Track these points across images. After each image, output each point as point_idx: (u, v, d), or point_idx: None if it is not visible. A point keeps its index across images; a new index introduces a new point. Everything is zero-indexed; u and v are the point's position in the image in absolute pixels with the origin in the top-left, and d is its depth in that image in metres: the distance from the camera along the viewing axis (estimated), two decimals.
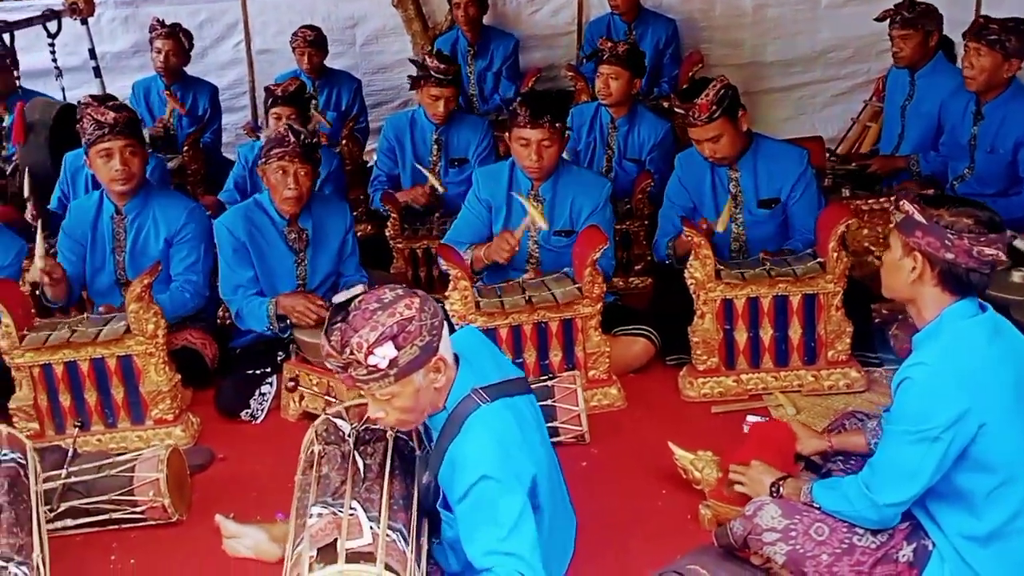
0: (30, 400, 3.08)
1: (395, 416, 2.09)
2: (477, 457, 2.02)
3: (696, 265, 3.11)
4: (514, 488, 2.01)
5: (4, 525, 2.21)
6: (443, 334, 2.06)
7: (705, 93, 3.22)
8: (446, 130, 4.49)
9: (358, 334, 1.96)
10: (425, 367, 2.02)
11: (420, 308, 1.99)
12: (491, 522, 1.99)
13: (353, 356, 1.97)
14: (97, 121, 3.36)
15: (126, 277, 3.52)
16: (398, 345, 1.96)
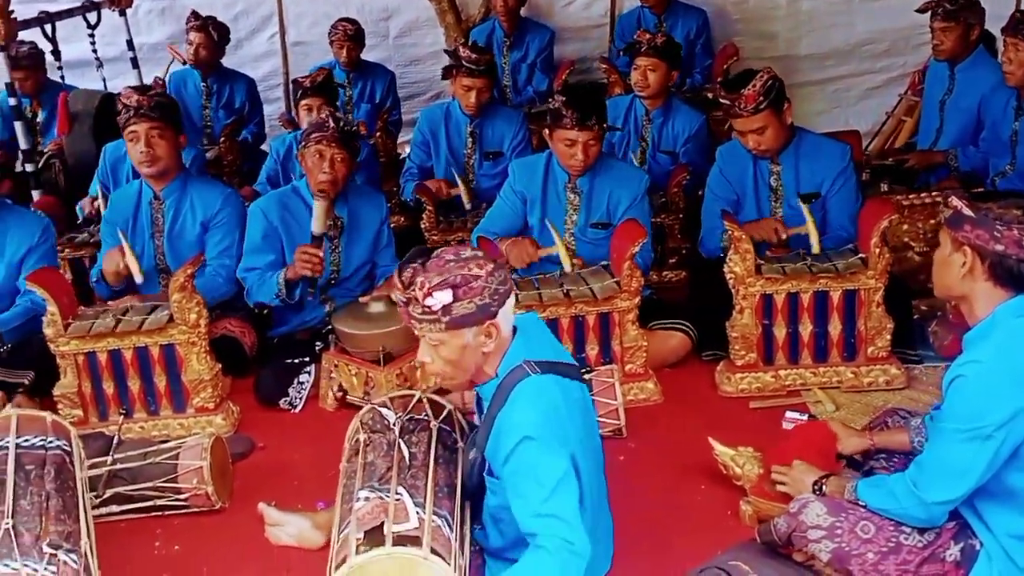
0: (74, 387, 3.13)
1: (439, 365, 2.13)
2: (520, 420, 2.05)
3: (736, 259, 3.10)
4: (556, 450, 2.02)
5: (52, 512, 2.24)
6: (506, 305, 2.10)
7: (752, 84, 3.20)
8: (481, 123, 4.49)
9: (426, 275, 2.04)
10: (477, 327, 2.06)
11: (490, 272, 2.05)
12: (534, 482, 2.01)
13: (414, 293, 2.04)
14: (125, 105, 3.43)
15: (165, 262, 3.58)
16: (456, 296, 2.01)
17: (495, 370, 2.15)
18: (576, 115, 3.27)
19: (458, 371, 2.14)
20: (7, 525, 2.11)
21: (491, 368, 2.15)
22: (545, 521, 1.98)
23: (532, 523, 2.00)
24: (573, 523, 1.98)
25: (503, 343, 2.13)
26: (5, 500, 2.18)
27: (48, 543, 2.11)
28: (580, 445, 2.12)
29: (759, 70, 3.28)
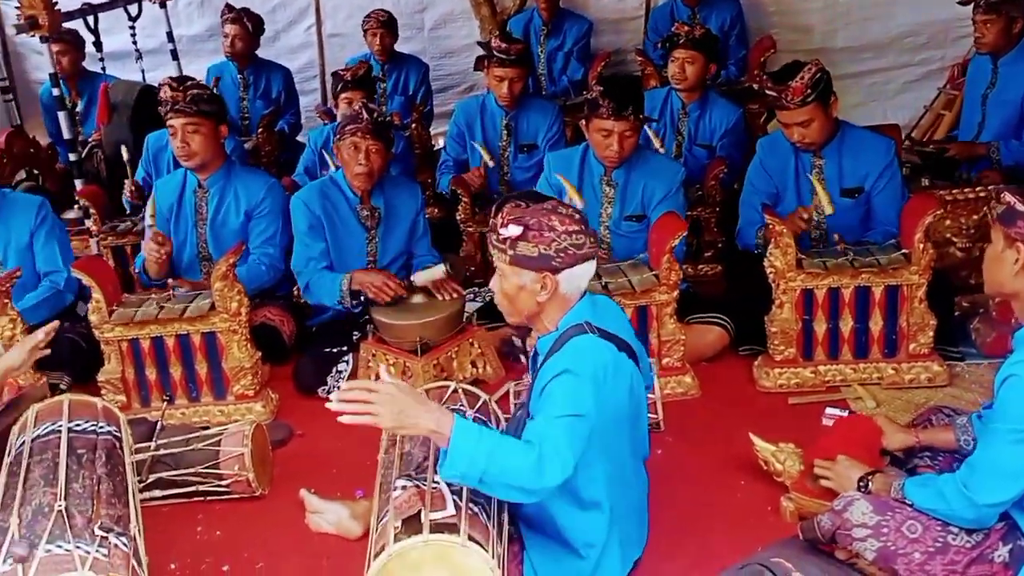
0: (118, 373, 3.19)
1: (500, 296, 2.23)
2: (565, 359, 2.09)
3: (776, 254, 3.07)
4: (588, 392, 2.05)
5: (103, 496, 2.26)
6: (574, 269, 2.14)
7: (800, 76, 3.16)
8: (516, 115, 4.49)
9: (514, 207, 2.13)
10: (535, 272, 2.12)
11: (568, 231, 2.11)
12: (555, 403, 2.03)
13: (496, 220, 2.16)
14: (162, 99, 3.49)
15: (207, 251, 3.63)
16: (524, 236, 2.10)
17: (555, 325, 2.19)
18: (613, 105, 3.26)
19: (513, 308, 2.22)
20: (60, 507, 2.13)
21: (551, 322, 2.20)
22: (545, 429, 2.00)
23: (534, 431, 2.02)
24: (567, 445, 1.98)
25: (564, 301, 2.18)
26: (58, 483, 2.21)
27: (99, 526, 2.13)
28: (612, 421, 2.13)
29: (806, 62, 3.24)
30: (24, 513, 2.15)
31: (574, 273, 2.14)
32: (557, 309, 2.18)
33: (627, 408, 2.21)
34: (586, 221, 2.19)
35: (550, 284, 2.13)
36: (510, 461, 1.96)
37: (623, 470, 2.24)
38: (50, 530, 2.08)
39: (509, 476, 1.97)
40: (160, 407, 3.11)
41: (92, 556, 2.04)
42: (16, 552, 2.04)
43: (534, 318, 2.22)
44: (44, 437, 2.39)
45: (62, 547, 2.04)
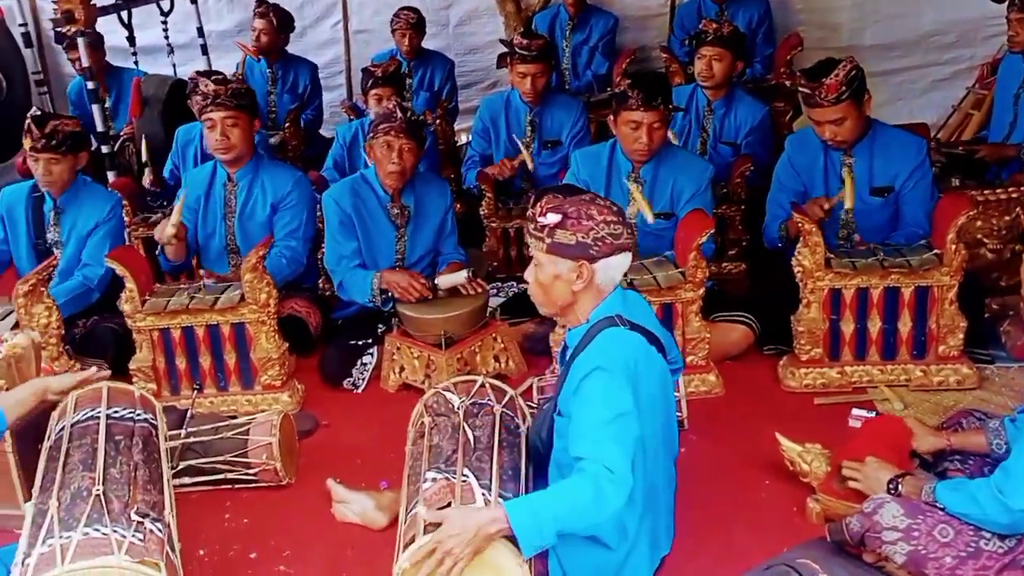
0: (149, 362, 3.24)
1: (534, 286, 2.24)
2: (596, 354, 2.10)
3: (805, 253, 3.06)
4: (624, 387, 2.06)
5: (139, 482, 2.30)
6: (611, 259, 2.16)
7: (835, 73, 3.14)
8: (540, 111, 4.50)
9: (552, 198, 2.16)
10: (573, 261, 2.14)
11: (606, 222, 2.13)
12: (595, 409, 2.04)
13: (534, 209, 2.18)
14: (202, 93, 3.52)
15: (235, 243, 3.68)
16: (562, 224, 2.12)
17: (586, 316, 2.21)
18: (642, 95, 3.26)
19: (547, 298, 2.23)
20: (98, 491, 2.17)
21: (583, 313, 2.22)
22: (594, 447, 2.00)
23: (582, 447, 2.03)
24: (620, 455, 1.99)
25: (597, 292, 2.19)
26: (96, 467, 2.25)
27: (136, 511, 2.17)
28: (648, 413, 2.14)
29: (840, 59, 3.21)
30: (63, 496, 2.19)
31: (610, 263, 2.16)
32: (590, 300, 2.20)
33: (659, 402, 2.22)
34: (623, 213, 2.21)
35: (586, 273, 2.15)
36: (571, 508, 1.97)
37: (655, 465, 2.24)
38: (88, 513, 2.12)
39: (579, 520, 1.99)
40: (189, 396, 3.17)
41: (128, 540, 2.08)
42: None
43: (567, 309, 2.23)
44: (83, 423, 2.43)
45: (100, 530, 2.08)
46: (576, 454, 2.04)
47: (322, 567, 2.55)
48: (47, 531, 2.09)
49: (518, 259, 4.30)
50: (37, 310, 3.11)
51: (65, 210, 3.62)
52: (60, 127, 3.47)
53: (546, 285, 2.20)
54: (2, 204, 3.70)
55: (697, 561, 2.42)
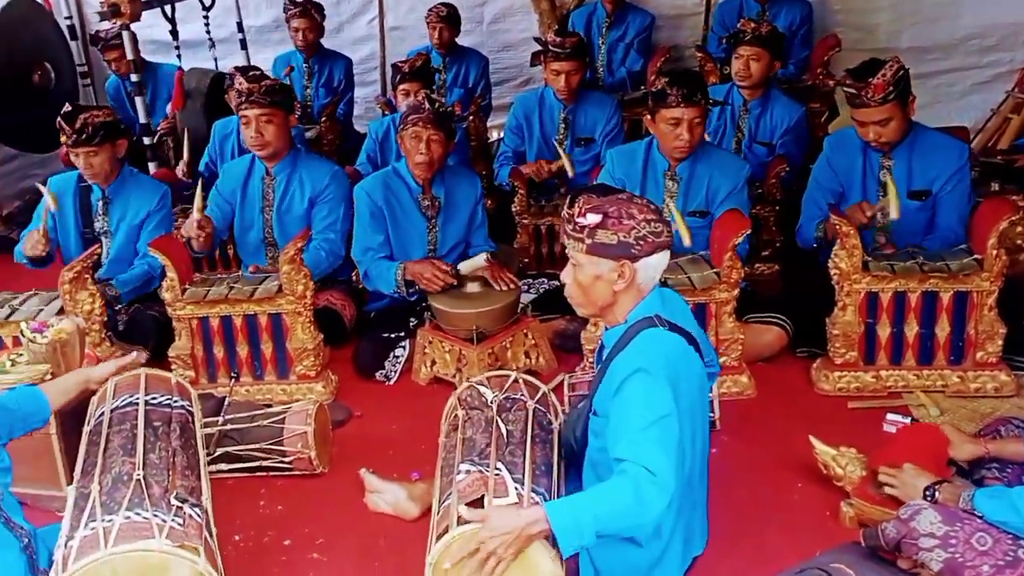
0: (188, 350, 3.30)
1: (573, 287, 2.22)
2: (636, 355, 2.09)
3: (842, 255, 3.04)
4: (665, 388, 2.04)
5: (178, 468, 2.33)
6: (651, 258, 2.15)
7: (882, 73, 3.11)
8: (574, 109, 4.52)
9: (589, 198, 2.14)
10: (614, 261, 2.13)
11: (647, 220, 2.12)
12: (637, 411, 2.03)
13: (572, 210, 2.16)
14: (238, 90, 3.58)
15: (273, 236, 3.74)
16: (603, 224, 2.11)
17: (625, 317, 2.20)
18: (682, 91, 3.26)
19: (587, 299, 2.22)
20: (138, 476, 2.21)
21: (621, 314, 2.21)
22: (636, 449, 1.98)
23: (623, 449, 2.01)
24: (662, 457, 1.98)
25: (637, 292, 2.18)
26: (136, 453, 2.29)
27: (175, 496, 2.20)
28: (688, 414, 2.13)
29: (886, 59, 3.19)
30: (104, 480, 2.23)
31: (650, 262, 2.15)
32: (630, 300, 2.19)
33: (697, 403, 2.22)
34: (661, 211, 2.20)
35: (628, 273, 2.14)
36: (612, 510, 1.96)
37: (691, 465, 2.23)
38: (129, 498, 2.15)
39: (619, 521, 1.98)
40: (226, 384, 3.22)
41: (168, 525, 2.11)
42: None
43: (606, 309, 2.22)
44: (122, 409, 2.47)
45: (141, 514, 2.11)
46: (617, 455, 2.02)
47: (355, 555, 2.58)
48: (89, 514, 2.13)
49: (549, 256, 4.33)
50: (81, 296, 3.17)
51: (113, 200, 3.69)
52: (90, 120, 3.51)
53: (586, 286, 2.18)
54: None
55: (729, 562, 2.42)
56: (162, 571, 2.05)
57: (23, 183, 5.58)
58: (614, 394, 2.10)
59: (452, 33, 5.53)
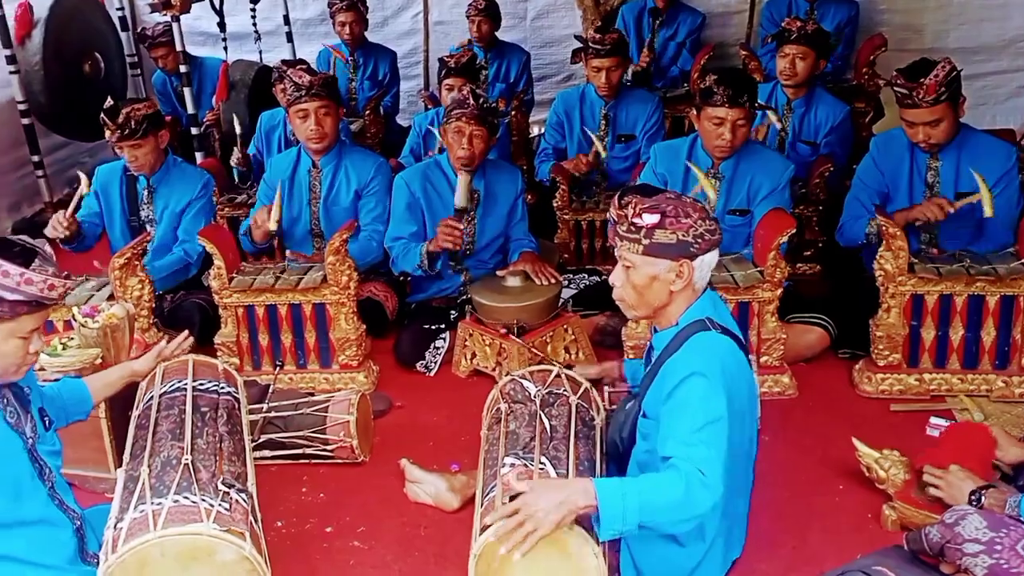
0: (233, 337, 3.35)
1: (626, 289, 2.19)
2: (691, 359, 2.08)
3: (887, 256, 3.02)
4: (719, 393, 2.03)
5: (225, 453, 2.37)
6: (706, 256, 2.14)
7: (934, 73, 3.08)
8: (615, 106, 4.52)
9: (641, 198, 2.13)
10: (672, 261, 2.12)
11: (701, 218, 2.12)
12: (690, 414, 2.02)
13: (625, 211, 2.13)
14: (295, 83, 3.59)
15: (319, 227, 3.77)
16: (662, 223, 2.09)
17: (677, 319, 2.19)
18: (728, 92, 3.24)
19: (641, 301, 2.19)
20: (187, 460, 2.25)
21: (674, 316, 2.19)
22: (688, 449, 1.98)
23: (673, 448, 2.00)
24: (713, 460, 1.97)
25: (692, 292, 2.17)
26: (184, 437, 2.33)
27: (222, 481, 2.23)
28: (738, 419, 2.13)
29: (937, 60, 3.15)
30: (153, 464, 2.26)
31: (705, 261, 2.14)
32: (684, 302, 2.18)
33: (747, 406, 2.21)
34: (709, 208, 2.19)
35: (687, 272, 2.12)
36: (660, 501, 1.95)
37: (737, 467, 2.22)
38: (178, 482, 2.19)
39: (664, 514, 1.97)
40: (270, 371, 3.28)
41: (216, 509, 2.13)
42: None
43: (660, 311, 2.20)
44: (171, 393, 2.52)
45: (189, 498, 2.14)
46: (667, 453, 2.02)
47: (395, 545, 2.60)
48: (139, 497, 2.17)
49: (589, 251, 4.34)
50: (131, 283, 3.24)
51: (157, 189, 3.76)
52: (132, 114, 3.57)
53: (641, 288, 2.16)
54: (97, 182, 3.85)
55: (769, 564, 2.42)
56: (209, 554, 2.08)
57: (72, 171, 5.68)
58: (667, 397, 2.09)
59: (492, 27, 5.54)
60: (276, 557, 2.26)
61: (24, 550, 2.05)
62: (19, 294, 1.94)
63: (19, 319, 1.97)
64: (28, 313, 1.97)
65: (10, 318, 1.95)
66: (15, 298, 1.94)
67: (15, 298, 1.94)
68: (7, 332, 1.96)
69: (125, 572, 2.04)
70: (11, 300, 1.94)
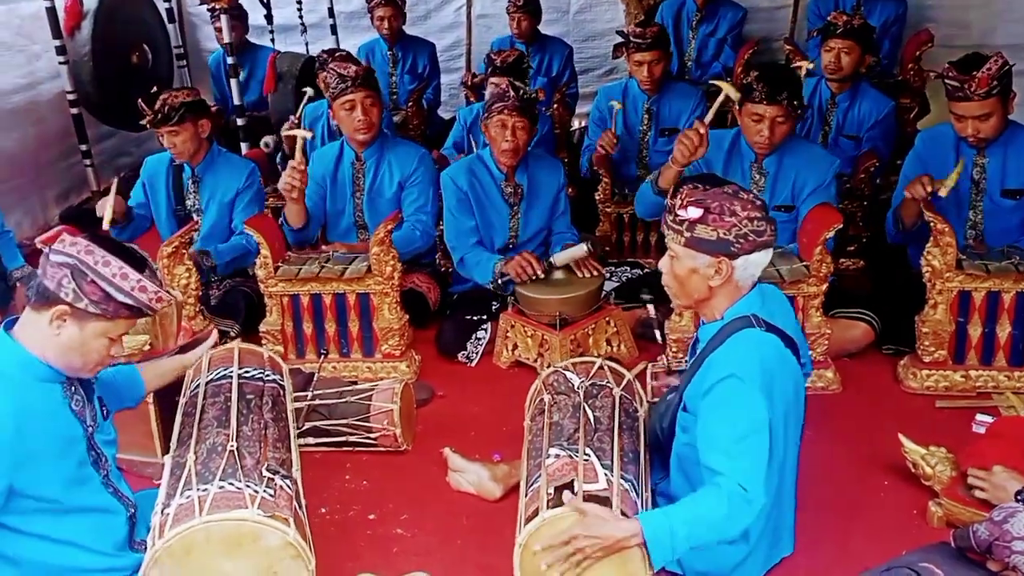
0: (278, 325, 3.39)
1: (668, 277, 2.21)
2: (731, 359, 2.07)
3: (935, 252, 2.99)
4: (758, 398, 2.02)
5: (270, 440, 2.39)
6: (752, 256, 2.11)
7: (986, 67, 3.04)
8: (658, 100, 4.50)
9: (693, 190, 2.11)
10: (712, 256, 2.10)
11: (750, 217, 2.08)
12: (729, 421, 2.02)
13: (674, 201, 2.13)
14: (340, 75, 3.62)
15: (363, 219, 3.81)
16: (704, 218, 2.07)
17: (722, 313, 2.17)
18: (767, 89, 3.22)
19: (682, 291, 2.20)
20: (232, 447, 2.27)
21: (718, 310, 2.18)
22: (729, 463, 1.99)
23: (715, 460, 2.02)
24: (754, 472, 1.98)
25: (735, 289, 2.15)
26: (230, 424, 2.35)
27: (267, 467, 2.25)
28: (782, 418, 2.11)
29: (988, 54, 3.11)
30: (200, 450, 2.29)
31: (750, 260, 2.11)
32: (727, 297, 2.16)
33: (792, 405, 2.19)
34: (766, 208, 2.15)
35: (725, 269, 2.10)
36: (705, 524, 1.99)
37: (783, 465, 2.21)
38: (223, 468, 2.21)
39: (710, 534, 2.01)
40: (314, 359, 3.31)
41: (260, 495, 2.15)
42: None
43: (702, 304, 2.20)
44: (217, 381, 2.55)
45: (234, 484, 2.16)
46: (709, 465, 2.03)
47: (438, 533, 2.62)
48: (185, 483, 2.19)
49: (631, 244, 4.33)
50: (179, 271, 3.29)
51: (203, 178, 3.81)
52: (169, 100, 3.61)
53: (682, 278, 2.16)
54: (145, 172, 3.92)
55: (814, 560, 2.40)
56: (254, 540, 2.10)
57: (120, 160, 5.81)
58: (705, 393, 2.09)
59: (532, 23, 5.53)
60: (320, 543, 2.27)
61: (79, 535, 2.08)
62: (129, 298, 1.96)
63: (116, 321, 1.99)
64: (126, 318, 2.00)
65: (110, 318, 1.97)
66: (124, 301, 1.96)
67: (124, 301, 1.96)
68: (100, 331, 1.98)
69: (171, 557, 2.07)
70: (120, 302, 1.95)
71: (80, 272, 1.92)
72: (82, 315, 1.95)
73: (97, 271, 1.93)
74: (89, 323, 1.96)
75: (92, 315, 1.95)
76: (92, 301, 1.93)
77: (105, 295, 1.94)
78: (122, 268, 1.95)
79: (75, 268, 1.93)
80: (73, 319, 1.95)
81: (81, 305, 1.93)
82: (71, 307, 1.94)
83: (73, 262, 1.93)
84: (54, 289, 1.93)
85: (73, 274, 1.92)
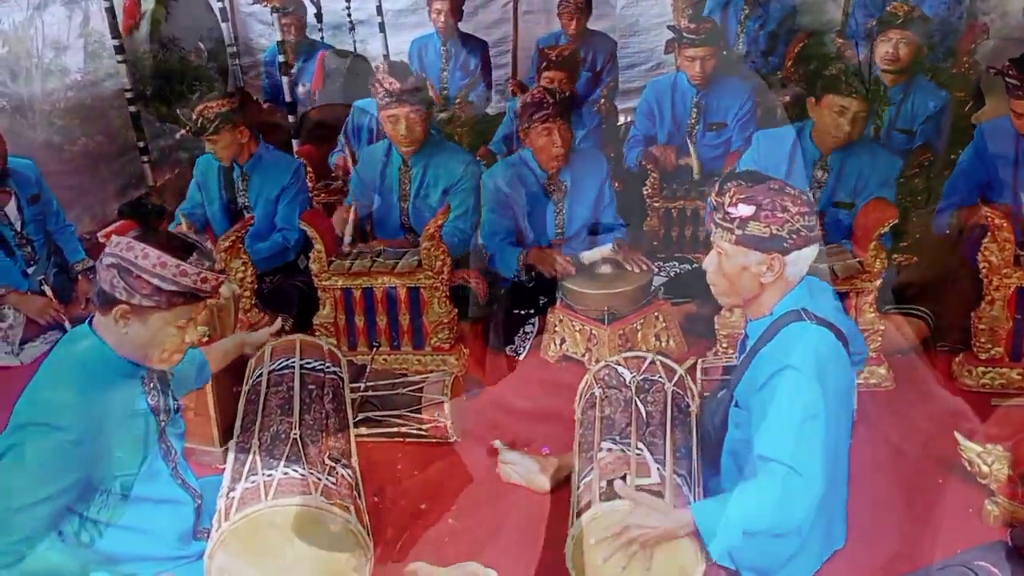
0: (331, 319, 3.45)
1: (715, 275, 2.19)
2: (785, 352, 2.06)
3: (992, 248, 2.94)
4: (813, 388, 2.01)
5: (331, 429, 2.47)
6: (803, 251, 2.10)
7: None
8: (707, 94, 4.47)
9: (741, 187, 2.09)
10: (763, 253, 2.09)
11: (801, 213, 2.07)
12: (784, 412, 2.01)
13: (723, 199, 2.11)
14: (386, 90, 3.65)
15: (410, 223, 3.85)
16: (756, 216, 2.06)
17: (771, 308, 2.16)
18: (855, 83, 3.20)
19: (731, 289, 2.18)
20: (295, 435, 2.34)
21: (767, 305, 2.17)
22: (784, 449, 1.99)
23: (770, 447, 2.01)
24: (810, 457, 1.97)
25: (785, 284, 2.14)
26: (293, 413, 2.42)
27: (329, 456, 2.32)
28: (835, 411, 2.10)
29: None
30: (264, 437, 2.37)
31: (801, 256, 2.10)
32: (777, 293, 2.15)
33: (844, 398, 2.17)
34: (814, 203, 2.14)
35: (777, 266, 2.09)
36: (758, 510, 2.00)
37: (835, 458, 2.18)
38: (287, 455, 2.28)
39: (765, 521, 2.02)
40: (365, 352, 3.37)
41: (323, 483, 2.22)
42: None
43: (751, 301, 2.18)
44: (279, 371, 2.63)
45: (298, 471, 2.23)
46: (763, 453, 2.02)
47: (488, 524, 2.64)
48: (250, 468, 2.26)
49: (679, 239, 4.31)
50: (235, 264, 3.37)
51: (251, 176, 3.89)
52: (204, 111, 3.70)
53: (732, 276, 2.14)
54: (198, 171, 4.02)
55: (868, 556, 2.39)
56: (316, 526, 2.16)
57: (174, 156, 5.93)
58: (759, 388, 2.08)
59: (586, 21, 5.52)
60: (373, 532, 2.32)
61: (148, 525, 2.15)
62: (175, 285, 2.01)
63: (175, 309, 2.04)
64: (184, 304, 2.05)
65: (167, 308, 2.03)
66: (171, 288, 2.01)
67: (171, 288, 2.01)
68: (163, 321, 2.04)
69: (237, 538, 2.14)
70: (168, 291, 2.00)
71: (125, 269, 1.99)
72: (140, 310, 2.01)
73: (138, 264, 1.99)
74: (150, 316, 2.03)
75: (149, 308, 2.01)
76: (144, 295, 1.99)
77: (153, 287, 1.99)
78: (160, 257, 2.00)
79: (120, 266, 1.99)
80: (135, 315, 2.02)
81: (136, 301, 2.00)
82: (128, 304, 2.00)
83: (117, 261, 2.00)
84: (109, 290, 2.00)
85: (120, 273, 1.99)
